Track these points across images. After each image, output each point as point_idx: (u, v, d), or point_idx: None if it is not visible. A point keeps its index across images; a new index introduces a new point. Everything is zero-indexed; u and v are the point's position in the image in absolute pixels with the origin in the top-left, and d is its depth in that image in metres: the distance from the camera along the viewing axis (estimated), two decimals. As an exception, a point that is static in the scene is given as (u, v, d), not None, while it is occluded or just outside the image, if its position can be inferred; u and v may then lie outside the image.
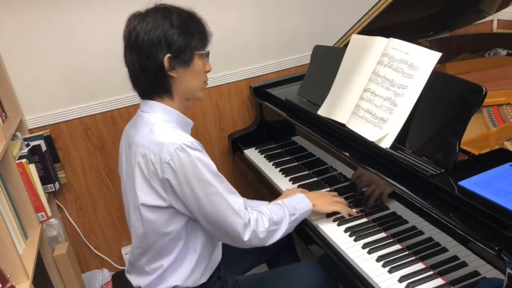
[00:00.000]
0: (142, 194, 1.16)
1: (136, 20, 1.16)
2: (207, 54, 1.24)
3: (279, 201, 1.33)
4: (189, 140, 1.12)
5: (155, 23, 1.14)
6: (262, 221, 1.22)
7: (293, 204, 1.32)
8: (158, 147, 1.12)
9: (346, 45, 1.53)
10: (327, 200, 1.38)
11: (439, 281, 1.06)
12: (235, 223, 1.16)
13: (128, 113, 1.99)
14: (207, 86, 2.13)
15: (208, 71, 1.26)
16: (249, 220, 1.19)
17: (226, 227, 1.17)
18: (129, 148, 1.22)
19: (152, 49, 1.14)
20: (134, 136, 1.20)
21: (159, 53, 1.14)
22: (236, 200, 1.18)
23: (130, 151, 1.21)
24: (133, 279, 1.30)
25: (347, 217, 1.36)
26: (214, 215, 1.15)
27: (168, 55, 1.14)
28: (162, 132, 1.15)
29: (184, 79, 1.19)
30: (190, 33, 1.17)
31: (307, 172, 1.68)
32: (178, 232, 1.19)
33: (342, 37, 1.76)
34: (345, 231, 1.31)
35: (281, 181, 1.67)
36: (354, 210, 1.38)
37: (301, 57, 2.22)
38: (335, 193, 1.45)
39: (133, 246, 1.28)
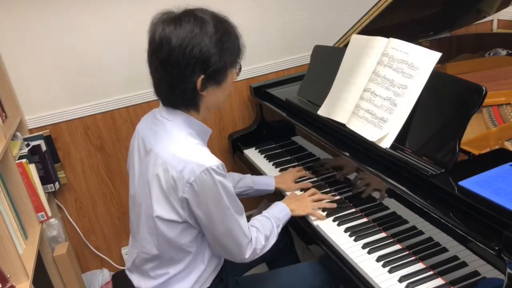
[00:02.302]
0: (158, 207, 1.13)
1: (169, 28, 1.07)
2: (240, 68, 1.20)
3: (265, 213, 1.36)
4: (215, 164, 1.08)
5: (192, 40, 1.06)
6: (260, 238, 1.25)
7: (277, 215, 1.36)
8: (182, 164, 1.07)
9: (346, 45, 1.53)
10: (304, 204, 1.42)
11: (439, 281, 1.07)
12: (242, 242, 1.19)
13: (128, 113, 1.99)
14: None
15: (235, 79, 1.22)
16: (251, 239, 1.22)
17: (232, 246, 1.18)
18: (145, 154, 1.18)
19: (187, 70, 1.07)
20: (154, 144, 1.16)
21: (194, 75, 1.08)
22: (244, 220, 1.19)
23: (147, 158, 1.17)
24: (135, 279, 1.30)
25: (323, 219, 1.38)
26: (224, 235, 1.16)
27: (202, 76, 1.09)
28: (188, 150, 1.11)
29: (213, 95, 1.16)
30: (228, 52, 1.11)
31: (307, 172, 1.68)
32: (189, 245, 1.19)
33: (342, 37, 1.76)
34: (345, 231, 1.31)
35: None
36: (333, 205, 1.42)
37: (301, 57, 2.22)
38: (313, 191, 1.49)
39: (138, 250, 1.25)
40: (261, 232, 1.27)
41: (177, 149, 1.11)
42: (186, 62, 1.07)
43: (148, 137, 1.20)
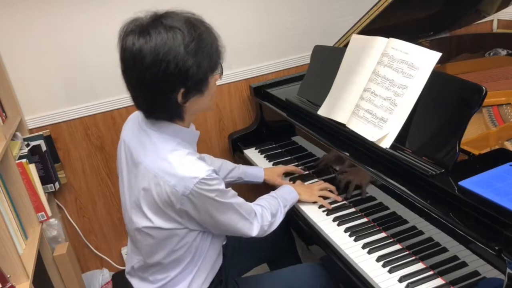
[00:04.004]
0: (154, 218, 1.12)
1: (140, 42, 1.00)
2: (221, 70, 1.14)
3: (272, 193, 1.41)
4: (206, 173, 1.06)
5: (166, 55, 0.99)
6: (266, 215, 1.29)
7: (284, 196, 1.41)
8: (174, 179, 1.05)
9: (346, 45, 1.53)
10: (310, 191, 1.47)
11: (439, 281, 1.07)
12: (246, 225, 1.22)
13: (128, 113, 1.97)
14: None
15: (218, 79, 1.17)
16: (255, 215, 1.26)
17: (237, 231, 1.22)
18: (134, 166, 1.16)
19: (165, 87, 1.03)
20: (142, 156, 1.13)
21: (173, 91, 1.04)
22: (240, 201, 1.20)
23: (135, 170, 1.14)
24: (135, 283, 1.29)
25: (329, 207, 1.42)
26: (227, 225, 1.19)
27: (183, 90, 1.04)
28: (178, 163, 1.07)
29: (197, 103, 1.11)
30: (206, 59, 1.04)
31: (307, 172, 1.68)
32: (190, 246, 1.18)
33: (342, 37, 1.76)
34: (345, 231, 1.31)
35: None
36: (339, 198, 1.46)
37: (301, 57, 2.22)
38: (321, 183, 1.53)
39: (139, 258, 1.24)
40: (266, 209, 1.30)
41: (167, 163, 1.07)
42: (163, 80, 1.01)
43: (135, 148, 1.16)
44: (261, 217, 1.27)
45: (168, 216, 1.11)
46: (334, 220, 1.37)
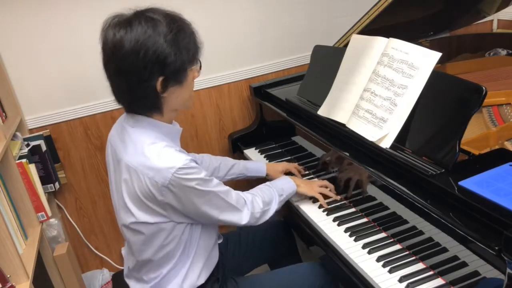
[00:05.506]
0: (140, 213, 1.13)
1: (120, 33, 1.04)
2: (200, 65, 1.17)
3: (267, 183, 1.40)
4: (183, 162, 1.08)
5: (145, 42, 1.03)
6: (257, 202, 1.29)
7: (280, 185, 1.40)
8: (152, 172, 1.07)
9: (346, 45, 1.53)
10: (310, 185, 1.46)
11: (439, 281, 1.07)
12: (234, 214, 1.22)
13: (128, 113, 1.99)
14: (207, 86, 2.14)
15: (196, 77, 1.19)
16: (245, 202, 1.25)
17: (226, 220, 1.21)
18: (117, 164, 1.18)
19: (144, 74, 1.05)
20: (123, 153, 1.15)
21: (152, 78, 1.06)
22: (226, 192, 1.20)
23: (119, 168, 1.17)
24: (132, 284, 1.30)
25: (325, 206, 1.42)
26: (214, 215, 1.18)
27: (161, 78, 1.07)
28: (155, 155, 1.09)
29: (175, 95, 1.13)
30: (184, 50, 1.08)
31: (307, 172, 1.68)
32: (179, 240, 1.19)
33: (342, 37, 1.76)
34: (345, 231, 1.31)
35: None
36: (338, 197, 1.46)
37: (301, 57, 2.22)
38: (323, 182, 1.51)
39: (132, 258, 1.25)
40: (257, 196, 1.30)
41: (144, 157, 1.09)
42: (142, 66, 1.04)
43: (118, 146, 1.19)
44: (252, 204, 1.27)
45: (152, 210, 1.12)
46: (334, 220, 1.37)
